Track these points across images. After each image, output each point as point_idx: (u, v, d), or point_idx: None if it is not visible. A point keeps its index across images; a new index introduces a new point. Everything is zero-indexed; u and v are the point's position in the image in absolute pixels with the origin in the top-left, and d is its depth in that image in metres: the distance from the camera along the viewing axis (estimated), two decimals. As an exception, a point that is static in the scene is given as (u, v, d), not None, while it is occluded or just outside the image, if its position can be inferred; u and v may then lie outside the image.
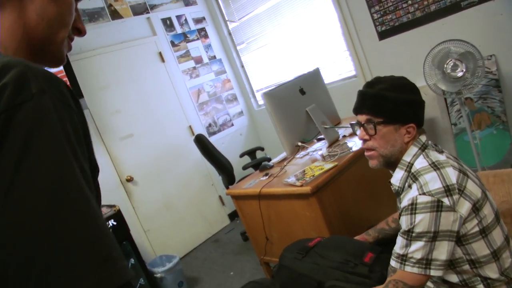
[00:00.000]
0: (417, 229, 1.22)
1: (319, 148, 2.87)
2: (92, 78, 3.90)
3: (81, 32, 0.85)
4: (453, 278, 1.32)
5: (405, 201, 1.28)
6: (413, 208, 1.23)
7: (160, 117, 4.37)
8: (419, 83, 3.31)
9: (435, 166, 1.28)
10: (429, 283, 1.45)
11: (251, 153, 4.32)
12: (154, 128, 4.31)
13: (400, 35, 3.47)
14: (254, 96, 5.23)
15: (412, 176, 1.31)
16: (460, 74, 2.68)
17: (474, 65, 2.66)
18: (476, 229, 1.23)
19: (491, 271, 1.26)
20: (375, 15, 3.55)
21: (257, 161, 3.94)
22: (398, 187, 1.40)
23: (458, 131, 3.31)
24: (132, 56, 4.26)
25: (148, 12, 4.46)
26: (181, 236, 4.33)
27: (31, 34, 0.74)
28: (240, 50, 5.09)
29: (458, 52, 2.68)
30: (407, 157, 1.38)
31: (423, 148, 1.38)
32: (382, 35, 3.59)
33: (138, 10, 4.38)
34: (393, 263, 1.30)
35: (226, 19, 5.01)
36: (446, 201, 1.20)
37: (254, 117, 5.27)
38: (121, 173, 3.99)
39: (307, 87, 2.96)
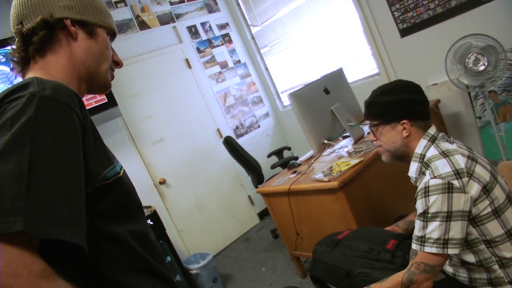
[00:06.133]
0: (432, 210, 1.33)
1: (345, 145, 2.96)
2: (124, 86, 4.10)
3: (118, 64, 1.09)
4: (470, 258, 1.40)
5: (419, 186, 1.40)
6: (426, 191, 1.34)
7: (189, 121, 4.54)
8: (442, 78, 3.38)
9: (445, 154, 1.39)
10: (448, 268, 1.54)
11: (278, 153, 4.43)
12: (184, 132, 4.48)
13: (421, 32, 3.53)
14: (279, 98, 5.34)
15: (425, 164, 1.44)
16: (482, 68, 2.72)
17: (496, 58, 2.69)
18: (489, 209, 1.32)
19: (506, 250, 1.34)
20: (396, 13, 3.61)
21: (284, 160, 4.04)
22: (415, 177, 1.52)
23: (483, 124, 3.34)
24: (160, 64, 4.44)
25: (174, 21, 4.64)
26: (213, 235, 4.48)
27: (80, 69, 0.97)
28: (264, 53, 5.22)
29: (479, 46, 2.73)
30: (418, 150, 1.51)
31: (433, 140, 1.50)
32: (404, 33, 3.65)
33: (165, 20, 4.57)
34: (414, 246, 1.40)
35: (249, 23, 5.15)
36: (456, 183, 1.31)
37: (280, 118, 5.38)
38: (154, 176, 4.17)
39: (331, 86, 3.06)
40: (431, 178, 1.35)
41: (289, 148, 4.63)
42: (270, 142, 5.21)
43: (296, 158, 3.58)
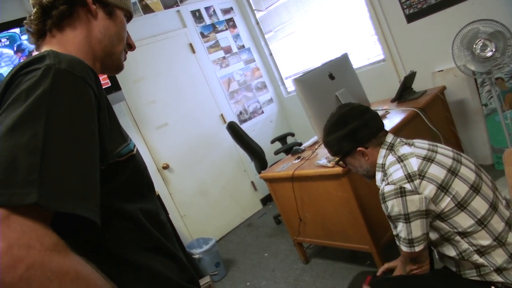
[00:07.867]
0: (392, 214, 1.41)
1: (349, 131, 2.93)
2: (127, 71, 4.06)
3: (131, 47, 1.09)
4: (451, 251, 1.42)
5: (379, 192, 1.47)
6: (383, 197, 1.42)
7: (193, 106, 4.53)
8: (448, 65, 3.34)
9: (400, 159, 1.45)
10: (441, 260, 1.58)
11: (282, 139, 4.41)
12: (188, 117, 4.47)
13: (428, 17, 3.47)
14: (283, 84, 5.31)
15: (384, 172, 1.50)
16: (489, 54, 2.68)
17: (504, 44, 2.65)
18: (452, 204, 1.35)
19: (482, 239, 1.34)
20: (402, -2, 3.56)
21: (288, 146, 4.03)
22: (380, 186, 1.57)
23: (489, 112, 3.31)
24: (164, 49, 4.41)
25: (177, 5, 4.59)
26: (216, 221, 4.50)
27: (96, 48, 0.97)
28: (268, 38, 5.17)
29: (487, 32, 2.68)
30: (379, 160, 1.56)
31: (390, 147, 1.54)
32: (410, 18, 3.60)
33: (168, 4, 4.52)
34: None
35: (254, 8, 5.09)
36: (408, 186, 1.36)
37: (284, 104, 5.35)
38: (157, 161, 4.17)
39: (336, 72, 3.03)
40: (385, 185, 1.41)
41: (292, 134, 4.62)
42: (273, 128, 5.20)
43: (300, 144, 3.57)
